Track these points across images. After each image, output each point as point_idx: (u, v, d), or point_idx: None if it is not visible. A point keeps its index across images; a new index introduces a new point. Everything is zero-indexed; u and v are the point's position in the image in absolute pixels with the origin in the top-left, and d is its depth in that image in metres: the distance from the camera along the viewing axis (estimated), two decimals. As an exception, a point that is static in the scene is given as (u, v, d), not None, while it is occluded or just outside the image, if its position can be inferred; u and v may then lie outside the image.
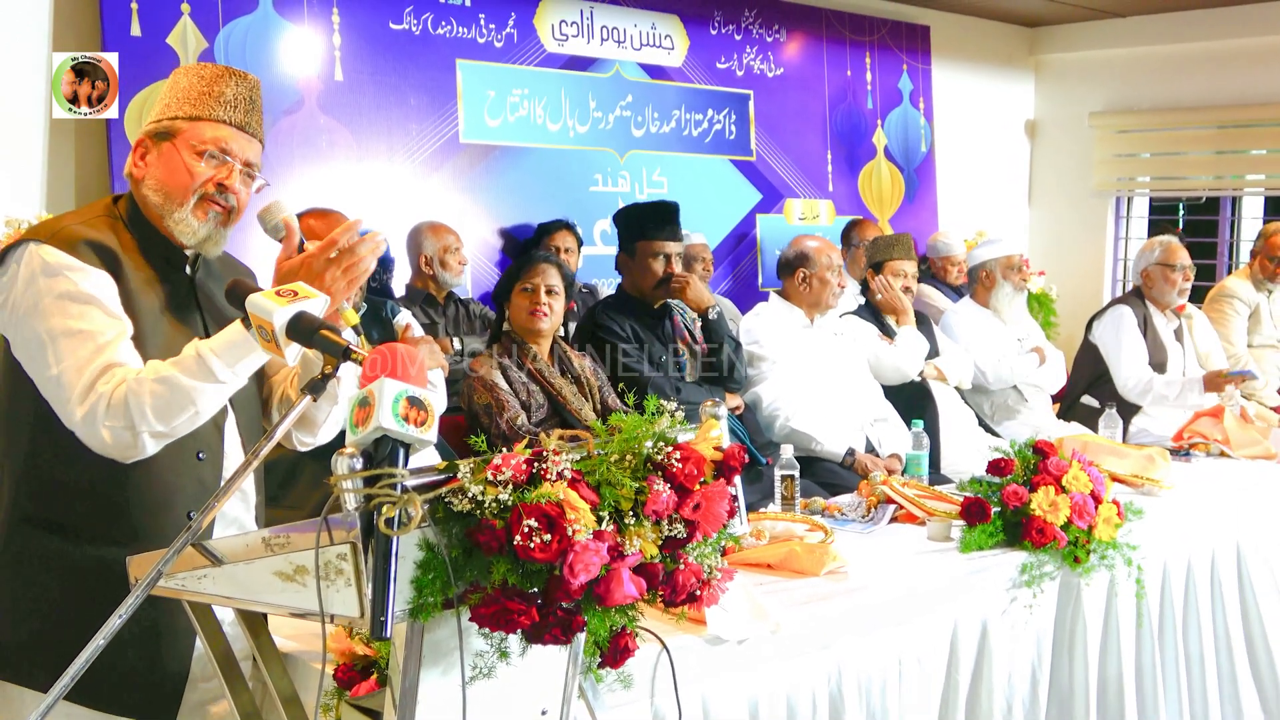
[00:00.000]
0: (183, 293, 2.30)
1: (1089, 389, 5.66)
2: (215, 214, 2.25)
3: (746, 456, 1.94)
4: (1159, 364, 5.51)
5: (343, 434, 1.69)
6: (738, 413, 4.58)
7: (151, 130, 2.27)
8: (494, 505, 1.70)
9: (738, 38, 7.10)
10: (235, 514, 2.35)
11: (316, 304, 1.98)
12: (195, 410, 2.07)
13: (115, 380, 2.06)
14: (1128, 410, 5.47)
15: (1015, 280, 5.70)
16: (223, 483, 2.27)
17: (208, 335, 2.28)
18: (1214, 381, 5.43)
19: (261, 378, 2.40)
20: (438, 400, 2.86)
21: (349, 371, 1.93)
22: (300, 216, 3.44)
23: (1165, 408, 5.36)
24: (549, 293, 4.00)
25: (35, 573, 2.20)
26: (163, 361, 2.09)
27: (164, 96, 2.29)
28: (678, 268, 4.57)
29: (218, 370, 2.05)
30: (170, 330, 2.23)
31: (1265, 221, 7.81)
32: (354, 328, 2.10)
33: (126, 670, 2.20)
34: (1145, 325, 5.56)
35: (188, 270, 2.32)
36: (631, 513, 1.78)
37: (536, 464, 1.74)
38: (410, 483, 1.65)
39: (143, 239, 2.26)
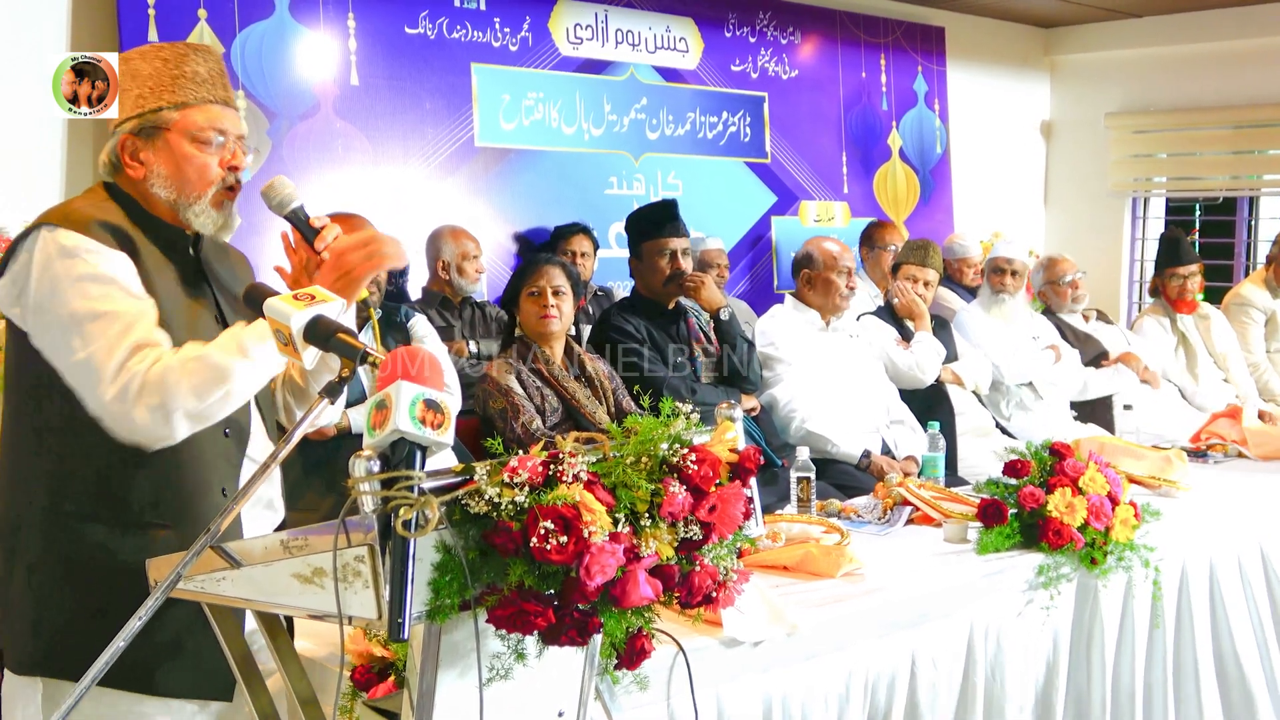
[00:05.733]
0: (192, 272, 2.29)
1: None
2: (228, 201, 2.25)
3: (762, 458, 1.94)
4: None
5: (352, 437, 1.70)
6: (753, 414, 4.58)
7: (135, 127, 2.22)
8: (510, 507, 1.70)
9: (752, 40, 7.10)
10: (267, 494, 2.35)
11: (333, 307, 1.98)
12: (228, 388, 2.04)
13: (149, 359, 2.03)
14: (1108, 409, 5.55)
15: (994, 282, 5.72)
16: (245, 458, 2.27)
17: (220, 312, 2.29)
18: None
19: None
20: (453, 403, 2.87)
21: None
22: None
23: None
24: (556, 294, 4.00)
25: (83, 567, 2.17)
26: (198, 344, 2.08)
27: (129, 87, 2.23)
28: (684, 263, 4.56)
29: (250, 347, 2.02)
30: (189, 309, 2.22)
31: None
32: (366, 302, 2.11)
33: (187, 656, 2.20)
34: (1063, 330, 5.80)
35: (191, 251, 2.31)
36: (647, 514, 1.78)
37: (552, 466, 1.74)
38: (427, 485, 1.66)
39: (145, 226, 2.23)
